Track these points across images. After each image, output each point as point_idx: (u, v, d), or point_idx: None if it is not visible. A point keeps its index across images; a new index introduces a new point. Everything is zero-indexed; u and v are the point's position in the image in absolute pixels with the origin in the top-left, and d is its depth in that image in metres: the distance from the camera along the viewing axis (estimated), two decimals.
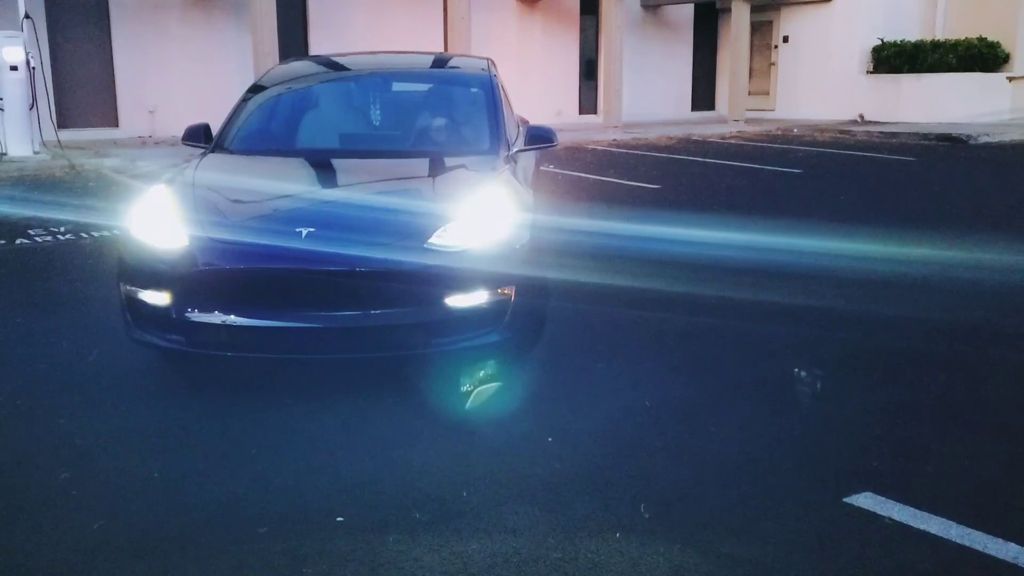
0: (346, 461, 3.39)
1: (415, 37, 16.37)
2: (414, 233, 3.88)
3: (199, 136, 5.27)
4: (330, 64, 6.30)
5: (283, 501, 3.07)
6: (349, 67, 6.19)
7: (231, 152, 5.09)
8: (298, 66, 6.42)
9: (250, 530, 2.88)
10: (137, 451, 3.48)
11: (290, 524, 2.92)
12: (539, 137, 5.21)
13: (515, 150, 5.12)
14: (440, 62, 6.98)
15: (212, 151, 5.10)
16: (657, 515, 2.98)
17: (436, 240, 3.85)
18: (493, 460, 3.37)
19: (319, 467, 3.34)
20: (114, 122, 14.62)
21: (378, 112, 5.64)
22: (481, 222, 3.97)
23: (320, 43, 15.80)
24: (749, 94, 20.42)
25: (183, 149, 5.56)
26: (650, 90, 20.41)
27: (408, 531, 2.87)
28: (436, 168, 4.92)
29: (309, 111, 5.71)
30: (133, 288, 3.92)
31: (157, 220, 4.02)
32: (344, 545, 2.79)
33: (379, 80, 5.89)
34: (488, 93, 5.44)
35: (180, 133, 5.43)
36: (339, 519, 2.95)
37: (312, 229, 3.82)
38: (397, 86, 5.99)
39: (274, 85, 5.79)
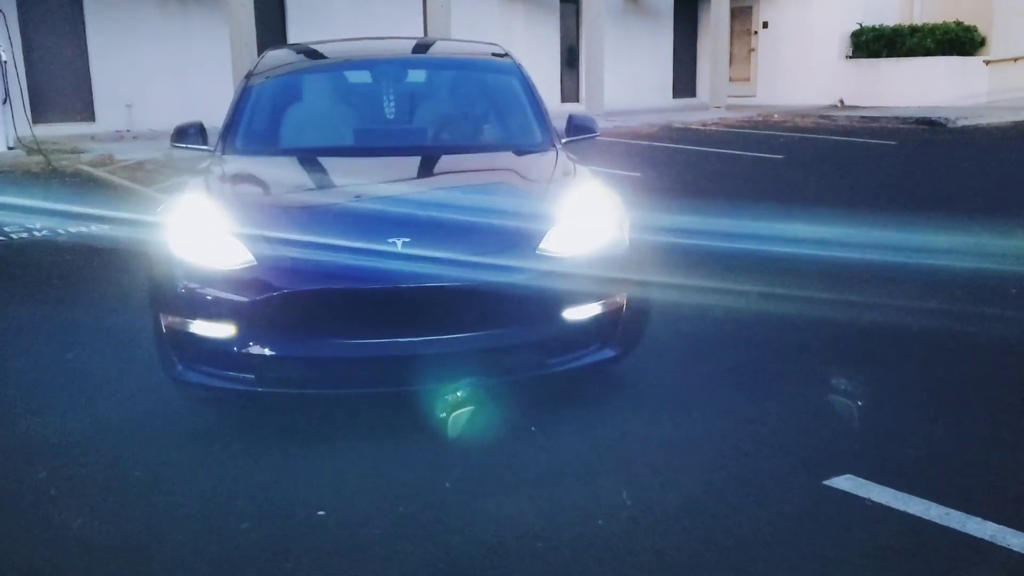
0: (326, 455, 3.37)
1: (394, 27, 16.28)
2: (522, 239, 3.47)
3: (194, 136, 4.61)
4: (339, 53, 5.57)
5: (264, 496, 3.05)
6: (361, 55, 5.58)
7: (254, 154, 4.46)
8: (301, 54, 5.57)
9: (232, 525, 2.86)
10: (115, 449, 3.45)
11: (271, 519, 2.90)
12: (582, 127, 4.82)
13: (565, 141, 4.73)
14: (443, 47, 6.40)
15: (225, 153, 4.43)
16: (639, 502, 2.99)
17: (546, 246, 3.46)
18: (476, 451, 3.36)
19: (299, 461, 3.32)
20: (90, 116, 14.46)
21: (411, 104, 5.10)
22: (586, 224, 3.62)
23: (299, 33, 15.69)
24: (730, 80, 20.46)
25: (162, 143, 5.40)
26: (631, 78, 20.40)
27: (392, 524, 2.86)
28: (507, 164, 4.47)
29: (334, 104, 5.09)
30: (180, 319, 3.36)
31: (206, 235, 3.44)
32: (327, 539, 2.78)
33: (398, 68, 5.25)
34: (523, 81, 4.98)
35: (158, 127, 5.28)
36: (320, 513, 2.93)
37: (407, 239, 3.33)
38: (426, 75, 5.41)
39: (280, 76, 5.10)
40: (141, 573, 2.63)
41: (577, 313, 3.46)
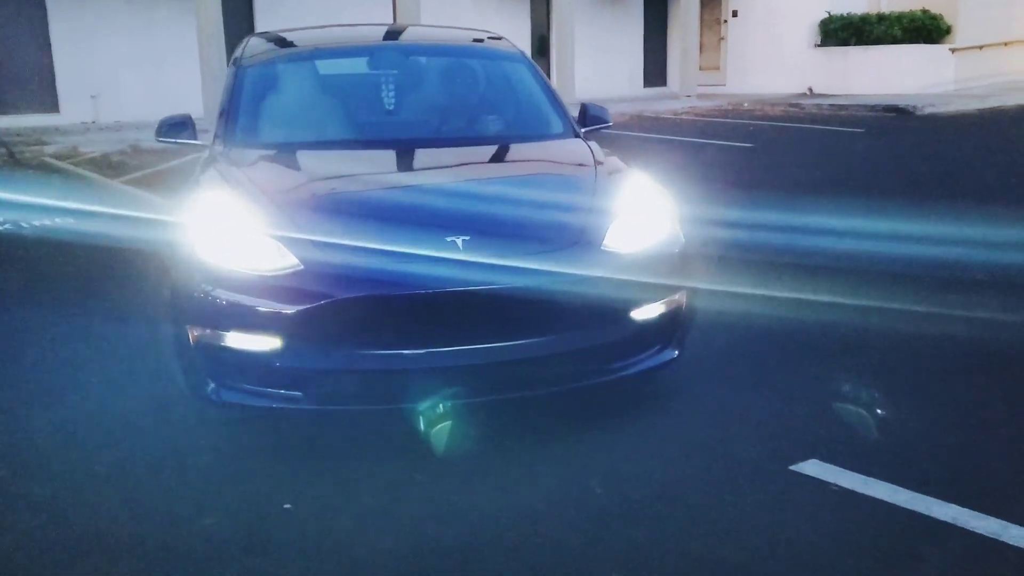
0: (291, 447, 3.34)
1: (363, 16, 16.12)
2: (586, 235, 3.29)
3: (183, 130, 4.26)
4: (339, 39, 5.34)
5: (228, 491, 3.02)
6: (364, 41, 5.26)
7: (268, 147, 4.05)
8: (294, 42, 5.05)
9: (197, 521, 2.83)
10: (79, 445, 3.39)
11: (237, 513, 2.87)
12: (597, 117, 4.71)
13: (584, 131, 4.59)
14: (440, 34, 6.16)
15: (228, 146, 4.02)
16: (610, 491, 2.99)
17: (609, 242, 3.30)
18: (446, 443, 3.34)
19: (262, 455, 3.29)
20: (55, 108, 14.19)
21: (427, 92, 4.84)
22: (645, 219, 3.48)
23: (267, 22, 15.49)
24: (700, 69, 20.52)
25: (128, 134, 5.25)
26: (602, 67, 20.41)
27: (359, 516, 2.84)
28: (546, 155, 4.30)
29: (347, 93, 4.78)
30: (213, 331, 3.04)
31: (241, 237, 3.13)
32: (294, 532, 2.75)
33: (406, 54, 4.98)
34: (532, 68, 4.85)
35: (124, 119, 5.11)
36: (286, 506, 2.91)
37: (467, 237, 3.09)
38: (436, 62, 5.07)
39: (282, 62, 4.74)
40: (106, 572, 2.59)
41: (642, 313, 3.30)
